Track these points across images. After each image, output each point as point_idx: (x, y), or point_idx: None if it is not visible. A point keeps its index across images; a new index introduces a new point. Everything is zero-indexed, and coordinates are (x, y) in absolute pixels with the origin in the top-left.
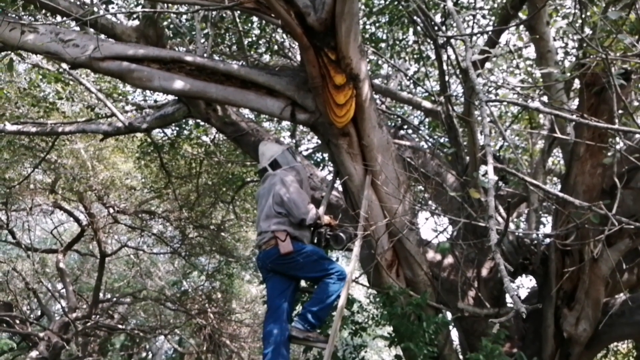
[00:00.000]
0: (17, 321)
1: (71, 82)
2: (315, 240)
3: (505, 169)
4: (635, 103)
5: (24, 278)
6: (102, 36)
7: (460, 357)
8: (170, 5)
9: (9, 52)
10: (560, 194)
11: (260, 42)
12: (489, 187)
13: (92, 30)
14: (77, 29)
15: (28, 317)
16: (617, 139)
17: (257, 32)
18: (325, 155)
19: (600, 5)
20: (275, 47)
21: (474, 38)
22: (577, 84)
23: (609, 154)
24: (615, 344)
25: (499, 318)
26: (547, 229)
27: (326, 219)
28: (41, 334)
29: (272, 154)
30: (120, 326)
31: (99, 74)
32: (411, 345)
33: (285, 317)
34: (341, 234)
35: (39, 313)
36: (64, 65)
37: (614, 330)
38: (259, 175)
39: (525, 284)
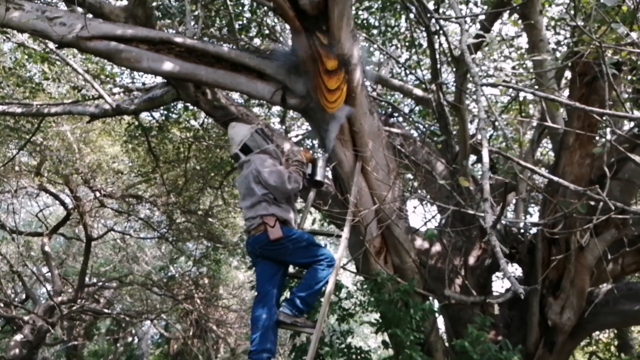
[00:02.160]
0: (2, 304)
1: (58, 63)
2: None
3: (500, 152)
4: (625, 95)
5: (9, 261)
6: (90, 15)
7: (446, 344)
8: None
9: None
10: (553, 177)
11: (252, 25)
12: (485, 170)
13: (79, 8)
14: (64, 7)
15: (12, 300)
16: (607, 128)
17: (248, 15)
18: (316, 141)
19: None
20: (267, 30)
21: (468, 23)
22: (568, 74)
23: (599, 144)
24: (597, 333)
25: (489, 304)
26: (534, 218)
27: (307, 156)
28: (26, 318)
29: (242, 138)
30: (106, 310)
31: (86, 53)
32: (398, 331)
33: (274, 302)
34: (318, 178)
35: (23, 296)
36: (51, 45)
37: (598, 319)
38: (234, 161)
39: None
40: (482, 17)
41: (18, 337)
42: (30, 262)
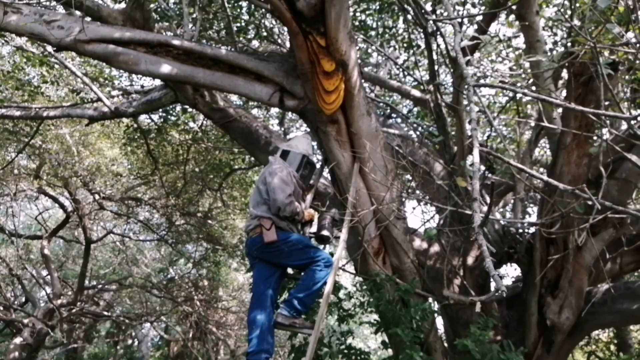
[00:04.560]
0: (1, 307)
1: (56, 66)
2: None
3: (492, 152)
4: (622, 94)
5: (8, 264)
6: (88, 18)
7: (445, 344)
8: None
9: None
10: (546, 178)
11: (249, 27)
12: (475, 170)
13: (77, 12)
14: (62, 10)
15: (12, 303)
16: (604, 129)
17: (246, 17)
18: (314, 142)
19: None
20: (265, 32)
21: (463, 27)
22: (564, 74)
23: (595, 144)
24: (596, 332)
25: (484, 305)
26: (532, 218)
27: (307, 214)
28: (25, 321)
29: (293, 146)
30: (105, 313)
31: (84, 56)
32: (398, 330)
33: (269, 303)
34: (325, 233)
35: (23, 299)
36: (49, 49)
37: (597, 318)
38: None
39: (510, 272)
40: (479, 17)
41: (17, 340)
42: (30, 265)
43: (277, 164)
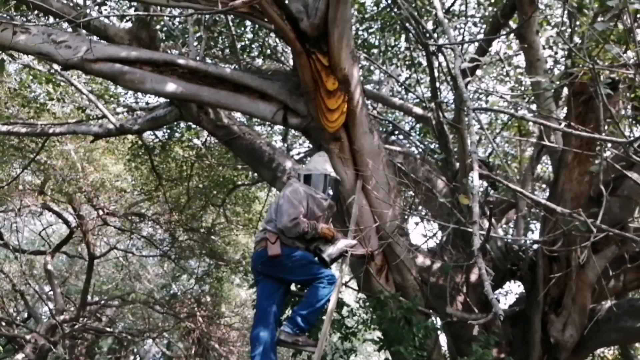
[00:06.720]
0: (3, 323)
1: (62, 83)
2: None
3: (492, 176)
4: (622, 112)
5: (11, 280)
6: (95, 38)
7: None
8: (163, 8)
9: (0, 52)
10: (545, 202)
11: (253, 46)
12: (474, 192)
13: (84, 31)
14: (70, 30)
15: (14, 319)
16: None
17: (250, 36)
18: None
19: (589, 16)
20: (268, 51)
21: (465, 46)
22: (565, 92)
23: (596, 161)
24: (601, 349)
25: (486, 323)
26: (535, 235)
27: (326, 230)
28: (28, 337)
29: (312, 168)
30: (108, 329)
31: (90, 75)
32: (401, 348)
33: (272, 320)
34: (326, 257)
35: (25, 315)
36: (55, 66)
37: (600, 336)
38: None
39: (514, 289)
40: (480, 36)
41: (20, 356)
42: (33, 281)
43: (294, 186)
